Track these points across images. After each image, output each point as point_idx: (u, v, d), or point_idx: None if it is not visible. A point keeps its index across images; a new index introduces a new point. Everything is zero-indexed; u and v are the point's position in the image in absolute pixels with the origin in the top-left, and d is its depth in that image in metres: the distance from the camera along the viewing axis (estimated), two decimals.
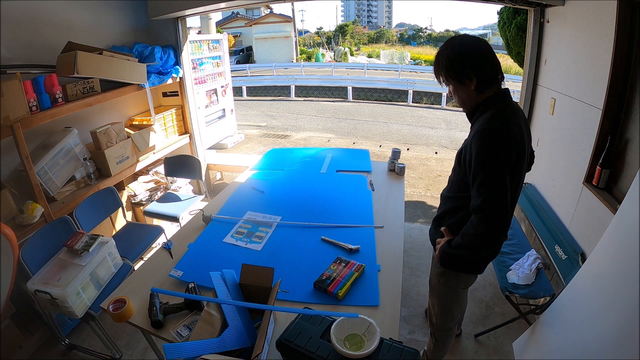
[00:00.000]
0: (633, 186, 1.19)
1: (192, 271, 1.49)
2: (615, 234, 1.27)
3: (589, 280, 1.38)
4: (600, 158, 1.67)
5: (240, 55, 21.18)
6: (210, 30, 6.27)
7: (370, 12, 51.37)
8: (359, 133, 6.96)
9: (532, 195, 2.38)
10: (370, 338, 0.98)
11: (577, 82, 1.98)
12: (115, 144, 2.46)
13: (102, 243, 1.84)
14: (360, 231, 1.77)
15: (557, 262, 1.85)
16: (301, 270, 1.50)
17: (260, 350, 0.97)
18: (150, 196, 2.87)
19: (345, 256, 1.56)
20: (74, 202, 2.14)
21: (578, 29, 1.99)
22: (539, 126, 2.55)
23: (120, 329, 2.01)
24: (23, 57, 2.06)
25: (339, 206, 2.03)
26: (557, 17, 2.25)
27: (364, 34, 35.60)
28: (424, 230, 3.01)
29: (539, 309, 1.75)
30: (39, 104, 1.92)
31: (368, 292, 1.38)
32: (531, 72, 2.56)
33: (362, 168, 2.53)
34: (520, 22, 3.36)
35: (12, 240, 1.36)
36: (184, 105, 3.24)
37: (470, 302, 2.22)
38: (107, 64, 2.26)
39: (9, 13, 1.96)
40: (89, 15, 2.51)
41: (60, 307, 1.62)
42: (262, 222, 1.86)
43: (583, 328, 1.30)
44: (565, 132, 2.11)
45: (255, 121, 8.00)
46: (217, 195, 2.24)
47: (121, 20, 2.79)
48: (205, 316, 1.12)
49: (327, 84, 11.21)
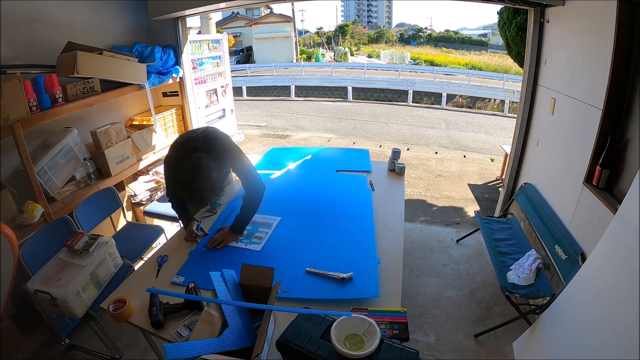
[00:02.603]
0: (633, 186, 1.19)
1: (193, 277, 1.46)
2: (615, 234, 1.27)
3: (589, 280, 1.38)
4: (600, 158, 1.67)
5: (240, 55, 21.17)
6: (210, 30, 6.27)
7: (370, 12, 51.36)
8: (359, 133, 6.96)
9: (532, 195, 2.38)
10: (370, 338, 0.98)
11: (577, 82, 1.98)
12: (115, 144, 2.46)
13: (102, 243, 1.83)
14: (360, 231, 1.77)
15: (557, 262, 1.85)
16: (301, 270, 1.50)
17: (260, 350, 0.97)
18: (150, 196, 2.87)
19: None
20: (74, 202, 2.14)
21: (578, 29, 1.99)
22: (539, 126, 2.55)
23: (120, 329, 2.01)
24: (23, 57, 2.06)
25: (338, 206, 2.02)
26: (557, 17, 2.25)
27: (364, 34, 35.56)
28: (424, 230, 3.02)
29: (539, 309, 1.76)
30: (39, 104, 1.92)
31: (368, 284, 1.39)
32: (531, 72, 2.56)
33: (362, 168, 2.52)
34: (520, 22, 3.36)
35: (12, 240, 1.36)
36: (184, 105, 3.24)
37: (470, 302, 2.23)
38: (107, 64, 2.26)
39: (9, 13, 1.96)
40: (89, 15, 2.51)
41: (60, 307, 1.62)
42: (261, 222, 1.86)
43: (583, 328, 1.31)
44: (565, 132, 2.11)
45: (255, 121, 8.00)
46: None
47: (121, 20, 2.79)
48: (205, 316, 1.12)
49: (327, 84, 11.21)
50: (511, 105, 8.78)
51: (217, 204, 2.06)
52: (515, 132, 2.79)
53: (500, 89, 9.58)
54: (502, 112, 8.91)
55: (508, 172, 2.93)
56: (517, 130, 2.76)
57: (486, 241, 2.32)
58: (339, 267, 1.48)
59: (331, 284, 1.42)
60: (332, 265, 1.51)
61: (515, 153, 2.81)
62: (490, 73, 14.68)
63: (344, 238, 1.72)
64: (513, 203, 2.68)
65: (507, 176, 2.96)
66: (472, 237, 2.85)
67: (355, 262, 1.53)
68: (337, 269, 1.47)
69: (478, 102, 9.70)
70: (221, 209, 2.04)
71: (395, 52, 23.88)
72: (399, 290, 1.39)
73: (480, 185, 4.35)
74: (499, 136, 6.66)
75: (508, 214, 2.75)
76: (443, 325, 2.05)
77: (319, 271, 1.47)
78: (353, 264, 1.52)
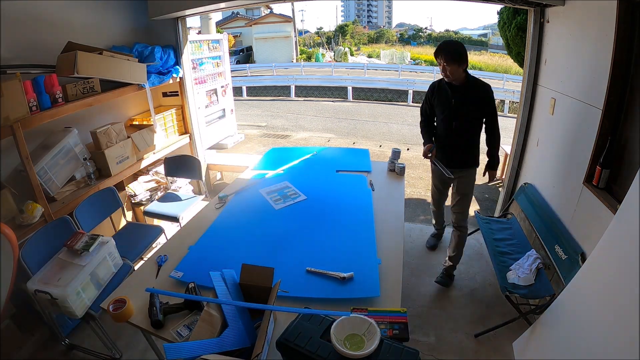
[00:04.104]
0: (633, 186, 1.19)
1: (192, 272, 1.49)
2: (615, 234, 1.27)
3: (589, 280, 1.38)
4: (600, 158, 1.67)
5: (240, 55, 21.17)
6: (210, 30, 6.28)
7: (370, 12, 51.36)
8: (359, 133, 6.96)
9: (532, 195, 2.38)
10: (370, 338, 0.98)
11: (577, 82, 1.98)
12: (115, 144, 2.46)
13: (102, 243, 1.84)
14: (360, 231, 1.77)
15: (557, 262, 1.85)
16: (301, 270, 1.50)
17: (260, 350, 0.97)
18: (150, 196, 2.87)
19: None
20: (74, 202, 2.14)
21: (578, 29, 1.99)
22: (539, 126, 2.55)
23: (120, 329, 2.01)
24: (23, 57, 2.06)
25: (339, 206, 2.03)
26: (557, 17, 2.25)
27: (364, 34, 35.58)
28: (424, 230, 3.01)
29: (539, 309, 1.76)
30: (39, 104, 1.92)
31: (368, 284, 1.39)
32: (531, 72, 2.56)
33: (362, 168, 2.53)
34: (520, 22, 3.36)
35: (12, 240, 1.36)
36: (184, 105, 3.24)
37: (470, 302, 2.23)
38: (107, 64, 2.26)
39: (9, 13, 1.96)
40: (89, 15, 2.51)
41: (60, 307, 1.62)
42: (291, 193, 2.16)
43: (583, 328, 1.31)
44: (565, 132, 2.11)
45: (255, 121, 8.00)
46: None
47: (121, 20, 2.79)
48: (205, 316, 1.12)
49: (327, 84, 11.21)
50: (511, 105, 8.78)
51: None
52: (515, 132, 2.79)
53: (500, 89, 9.57)
54: (502, 112, 8.90)
55: (508, 172, 2.93)
56: (517, 130, 2.77)
57: (486, 241, 2.32)
58: (339, 267, 1.48)
59: (331, 283, 1.42)
60: (332, 265, 1.51)
61: (515, 153, 2.81)
62: (490, 73, 14.66)
63: (344, 238, 1.72)
64: (513, 203, 2.68)
65: (507, 176, 2.96)
66: (472, 237, 2.85)
67: (356, 262, 1.53)
68: (337, 268, 1.47)
69: None
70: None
71: (395, 52, 23.89)
72: (399, 290, 1.39)
73: (480, 185, 4.35)
74: None
75: (508, 214, 2.75)
76: (443, 325, 2.05)
77: (319, 270, 1.47)
78: (353, 263, 1.52)
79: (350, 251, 1.62)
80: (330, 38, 32.14)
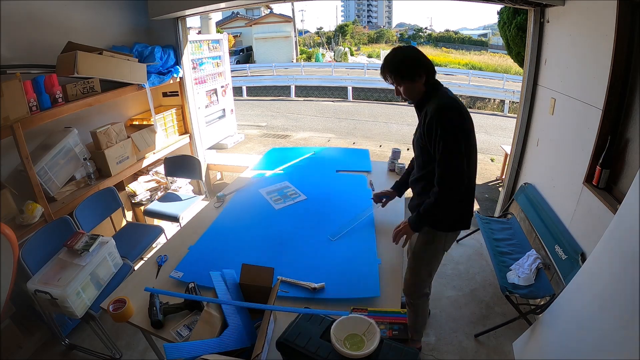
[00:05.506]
0: (633, 186, 1.19)
1: (192, 272, 1.49)
2: (615, 234, 1.27)
3: (589, 280, 1.38)
4: (600, 158, 1.67)
5: (240, 55, 21.17)
6: (210, 30, 6.29)
7: (370, 12, 51.34)
8: (359, 133, 6.96)
9: (532, 195, 2.38)
10: (370, 338, 0.98)
11: (577, 82, 1.98)
12: (115, 144, 2.46)
13: (102, 243, 1.84)
14: (360, 230, 1.77)
15: (557, 262, 1.85)
16: (301, 270, 1.49)
17: (260, 350, 0.97)
18: (150, 196, 2.87)
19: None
20: (74, 202, 2.14)
21: (578, 29, 1.99)
22: (539, 126, 2.55)
23: (120, 329, 2.01)
24: (23, 57, 2.06)
25: (339, 206, 2.03)
26: (557, 17, 2.25)
27: (364, 34, 35.56)
28: None
29: (539, 309, 1.76)
30: (39, 104, 1.92)
31: (369, 284, 1.39)
32: (531, 72, 2.56)
33: (362, 168, 2.52)
34: (520, 22, 3.37)
35: (12, 240, 1.36)
36: (184, 105, 3.24)
37: (470, 302, 2.23)
38: (107, 64, 2.26)
39: (9, 13, 1.96)
40: (89, 15, 2.51)
41: (60, 307, 1.62)
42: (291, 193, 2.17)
43: (583, 328, 1.30)
44: (565, 132, 2.11)
45: (255, 121, 8.00)
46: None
47: (121, 20, 2.79)
48: (205, 316, 1.12)
49: (327, 84, 11.20)
50: (511, 105, 8.78)
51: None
52: (515, 132, 2.79)
53: (500, 89, 9.57)
54: (502, 112, 8.90)
55: (508, 172, 2.93)
56: (517, 130, 2.76)
57: (486, 241, 2.32)
58: (339, 267, 1.49)
59: (331, 283, 1.42)
60: (332, 264, 1.51)
61: (515, 153, 2.81)
62: (490, 73, 14.67)
63: (344, 238, 1.72)
64: (513, 203, 2.68)
65: (507, 176, 2.95)
66: (472, 237, 2.85)
67: (356, 262, 1.53)
68: (337, 268, 1.48)
69: (478, 102, 9.70)
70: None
71: None
72: (399, 290, 1.39)
73: (480, 185, 4.35)
74: (499, 136, 6.65)
75: (508, 214, 2.75)
76: (443, 325, 2.05)
77: (290, 280, 1.41)
78: (353, 263, 1.52)
79: (350, 251, 1.62)
80: (330, 38, 32.12)
